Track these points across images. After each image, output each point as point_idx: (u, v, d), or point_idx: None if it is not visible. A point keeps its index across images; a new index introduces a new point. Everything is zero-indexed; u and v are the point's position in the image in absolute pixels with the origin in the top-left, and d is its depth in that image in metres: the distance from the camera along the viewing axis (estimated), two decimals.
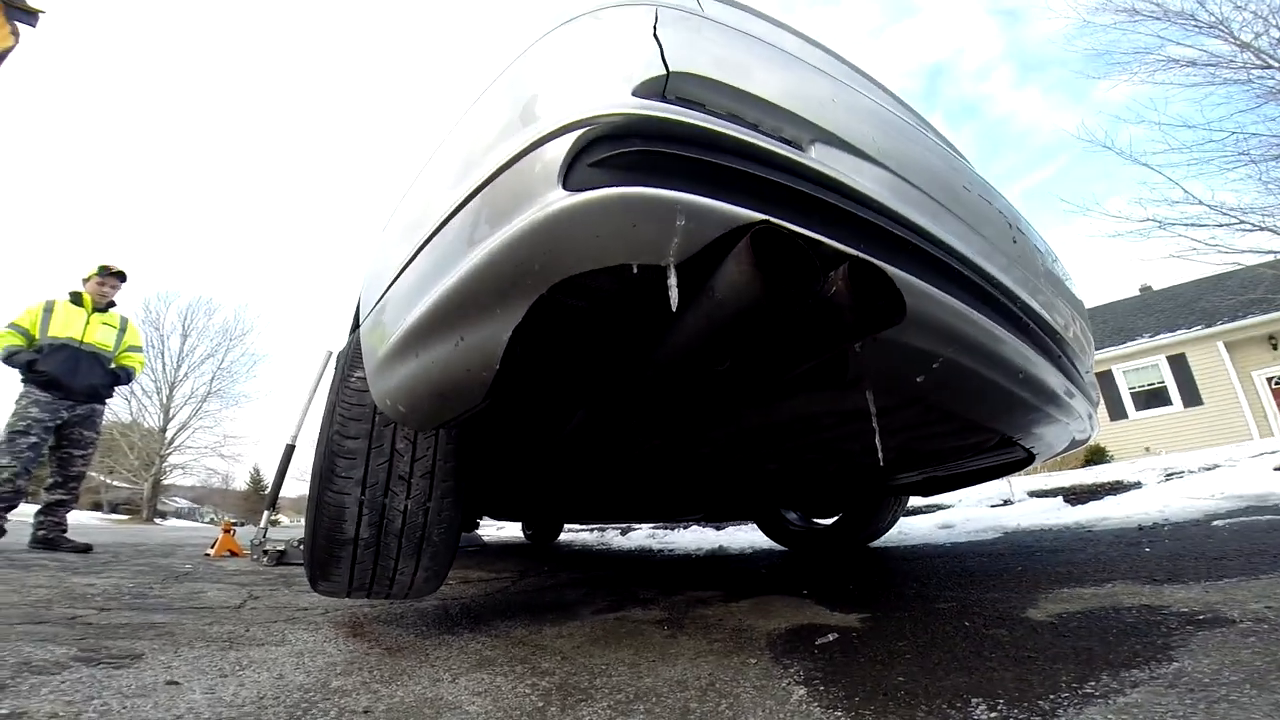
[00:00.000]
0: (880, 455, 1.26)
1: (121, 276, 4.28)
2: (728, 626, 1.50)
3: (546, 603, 2.06)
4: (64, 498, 3.95)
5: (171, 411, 26.78)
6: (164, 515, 26.12)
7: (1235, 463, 3.57)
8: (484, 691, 1.12)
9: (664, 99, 0.86)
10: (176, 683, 1.13)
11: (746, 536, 3.87)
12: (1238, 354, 14.50)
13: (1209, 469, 3.50)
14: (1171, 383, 14.98)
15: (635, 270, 0.80)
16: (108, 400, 4.23)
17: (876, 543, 3.04)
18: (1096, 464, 12.78)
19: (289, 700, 1.06)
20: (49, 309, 3.96)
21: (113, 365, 4.10)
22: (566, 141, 0.81)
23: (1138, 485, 3.37)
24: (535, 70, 0.96)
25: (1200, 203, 8.81)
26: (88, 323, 4.01)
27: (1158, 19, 8.81)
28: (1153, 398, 15.24)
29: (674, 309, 0.79)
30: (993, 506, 3.51)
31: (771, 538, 3.26)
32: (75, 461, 3.99)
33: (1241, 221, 8.70)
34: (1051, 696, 0.83)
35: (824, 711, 0.88)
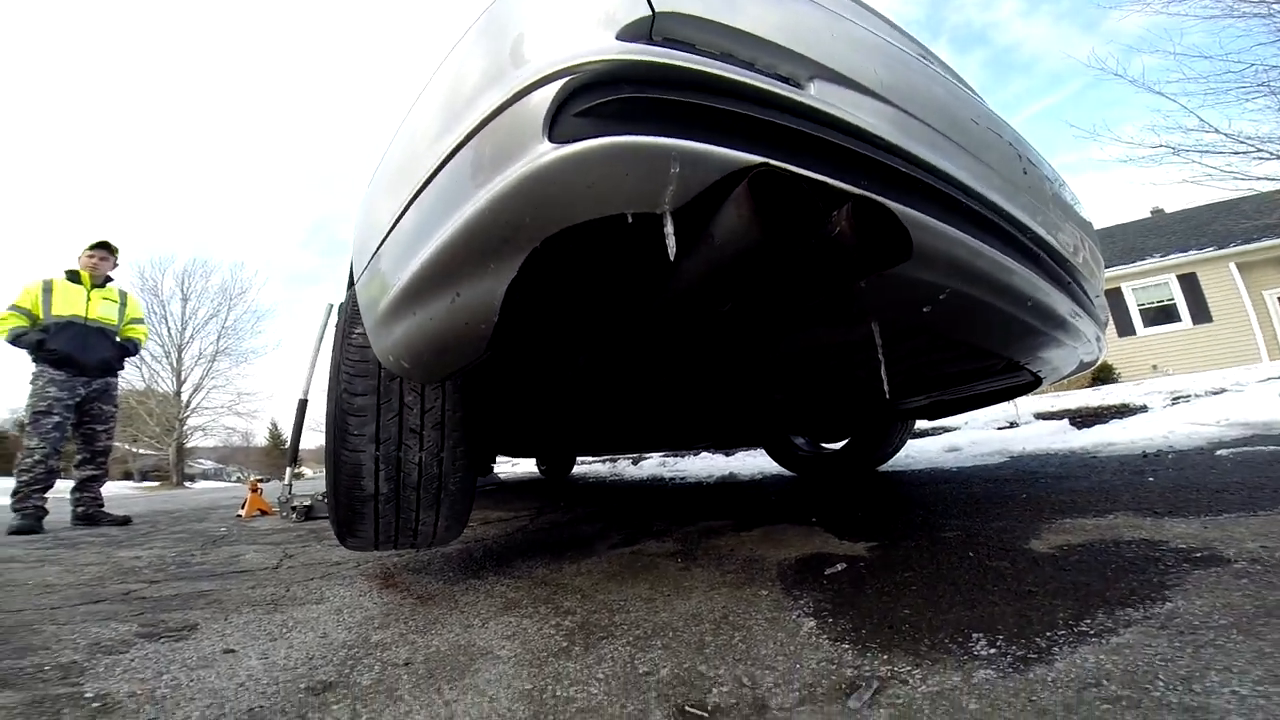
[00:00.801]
0: (886, 386, 1.27)
1: (112, 249, 4.25)
2: (739, 557, 1.56)
3: (564, 540, 2.15)
4: (95, 473, 4.06)
5: (183, 375, 27.28)
6: (192, 478, 26.91)
7: (1242, 387, 3.57)
8: (512, 635, 1.19)
9: (651, 41, 0.83)
10: (233, 650, 1.21)
11: (756, 462, 3.95)
12: (1250, 275, 14.37)
13: (1216, 393, 3.51)
14: (1181, 300, 14.90)
15: (630, 220, 0.79)
16: (120, 372, 4.28)
17: (884, 466, 3.11)
18: (1104, 383, 12.88)
19: (336, 658, 1.13)
20: (48, 288, 3.95)
21: (119, 338, 4.14)
22: (550, 91, 0.78)
23: (1144, 409, 3.39)
24: (515, 12, 0.92)
25: (1216, 130, 8.55)
26: (89, 299, 4.01)
27: None
28: (1162, 315, 15.19)
29: (671, 258, 0.79)
30: (999, 429, 3.56)
31: (780, 463, 3.34)
32: (99, 436, 4.08)
33: (1259, 150, 8.43)
34: (1048, 634, 0.87)
35: (832, 644, 0.94)
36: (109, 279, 4.22)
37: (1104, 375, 13.42)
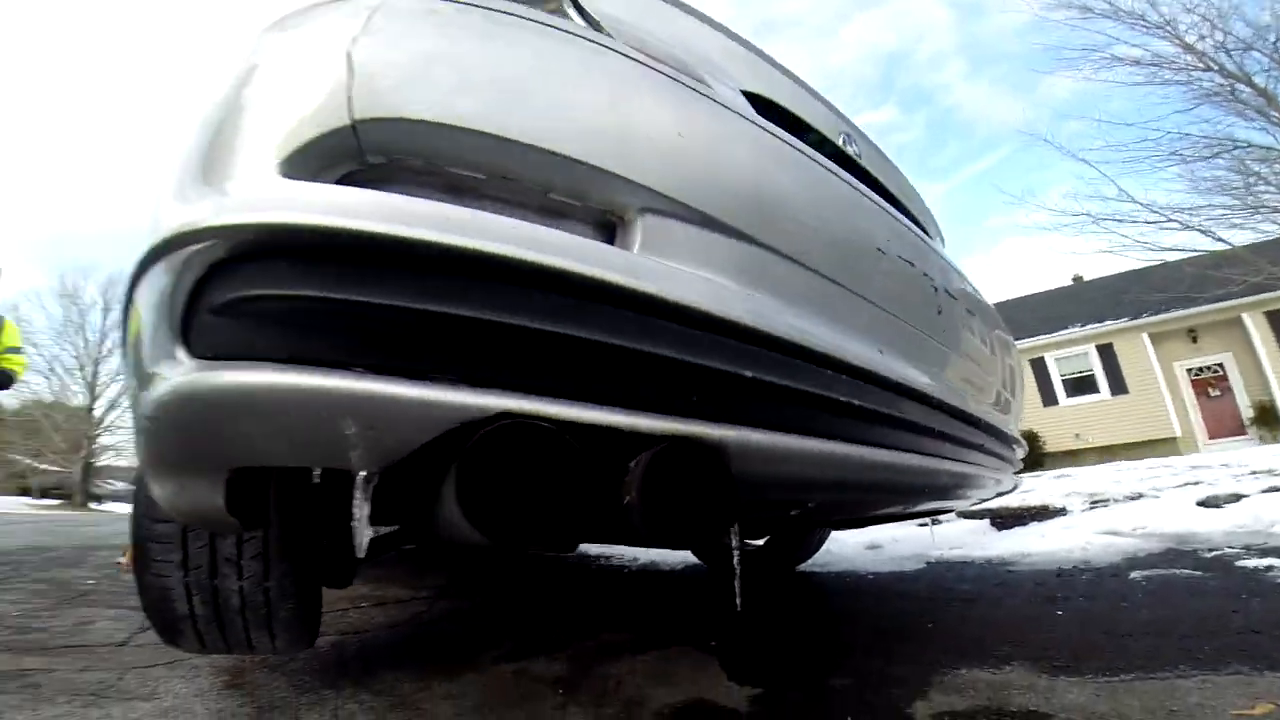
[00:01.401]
0: (736, 559, 1.11)
1: None
2: (622, 696, 1.44)
3: (451, 641, 1.99)
4: None
5: (98, 390, 26.03)
6: (99, 499, 25.35)
7: (1159, 493, 3.67)
8: None
9: (356, 176, 0.57)
10: None
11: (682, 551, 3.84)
12: (1161, 347, 15.34)
13: (1133, 498, 3.61)
14: (1100, 371, 15.73)
15: (317, 477, 0.60)
16: None
17: (804, 565, 3.05)
18: (1031, 450, 13.32)
19: None
20: None
21: None
22: (174, 268, 0.54)
23: (1063, 512, 3.45)
24: (199, 119, 0.65)
25: (1133, 199, 9.36)
26: None
27: (1109, 17, 9.05)
28: (1082, 385, 15.99)
29: (359, 550, 0.57)
30: (922, 524, 3.56)
31: (701, 559, 3.24)
32: None
33: (1169, 220, 9.15)
34: None
35: None
36: None
37: (1030, 444, 13.91)
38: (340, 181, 0.58)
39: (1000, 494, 1.95)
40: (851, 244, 0.99)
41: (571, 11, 0.96)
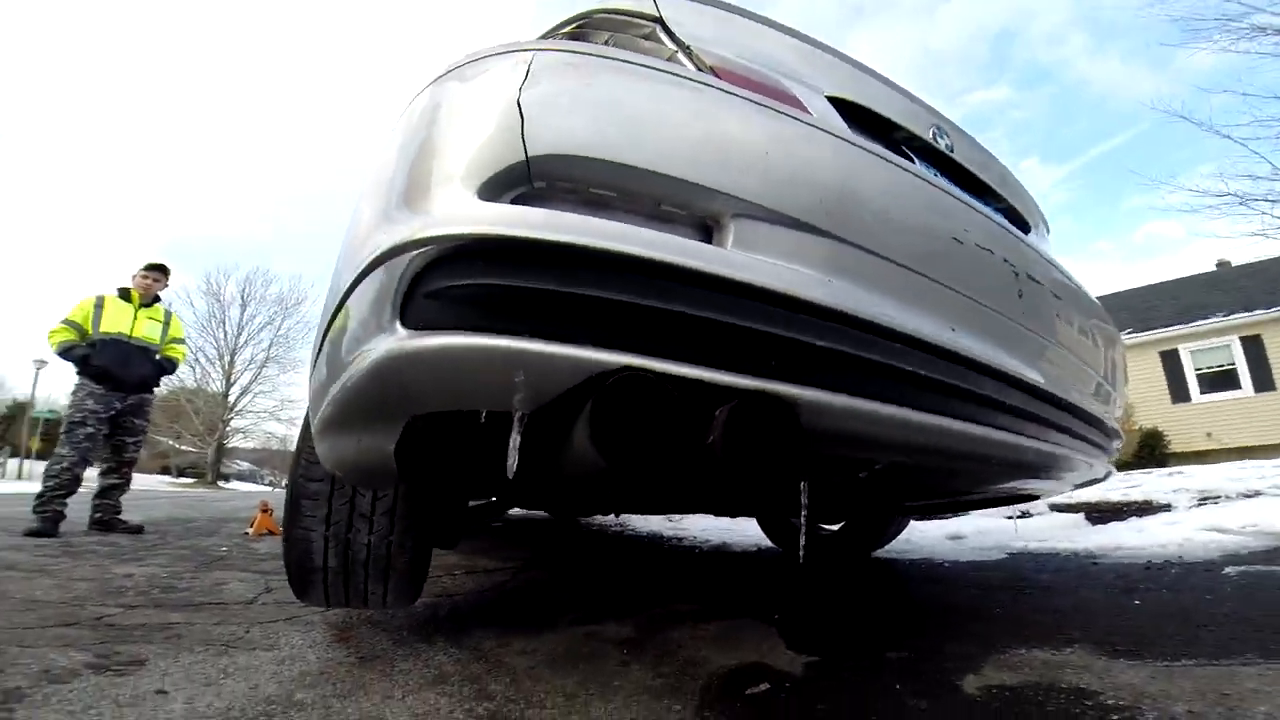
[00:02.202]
0: (803, 535, 1.16)
1: (165, 271, 4.52)
2: (681, 657, 1.54)
3: (531, 607, 2.15)
4: (118, 482, 4.27)
5: (233, 377, 28.97)
6: (226, 478, 28.16)
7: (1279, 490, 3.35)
8: (423, 714, 1.20)
9: (528, 194, 0.74)
10: (165, 691, 1.26)
11: (754, 531, 3.88)
12: None
13: (1249, 496, 3.30)
14: (1243, 365, 14.06)
15: (484, 418, 0.75)
16: (156, 389, 4.52)
17: (881, 552, 3.02)
18: (1151, 449, 12.20)
19: (252, 712, 1.17)
20: (100, 305, 4.20)
21: (159, 357, 4.37)
22: (398, 267, 0.73)
23: (1167, 508, 3.22)
24: (395, 154, 0.85)
25: None
26: (135, 317, 4.25)
27: None
28: (1221, 380, 14.38)
29: (509, 473, 0.72)
30: (1009, 518, 3.43)
31: (772, 539, 3.28)
32: (128, 448, 4.30)
33: None
34: None
35: None
36: (158, 298, 4.47)
37: (1153, 441, 12.82)
38: (514, 201, 0.77)
39: (1093, 480, 1.89)
40: (924, 234, 1.05)
41: (666, 40, 1.13)
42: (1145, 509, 3.20)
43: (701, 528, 4.22)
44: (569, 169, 0.76)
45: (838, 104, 1.23)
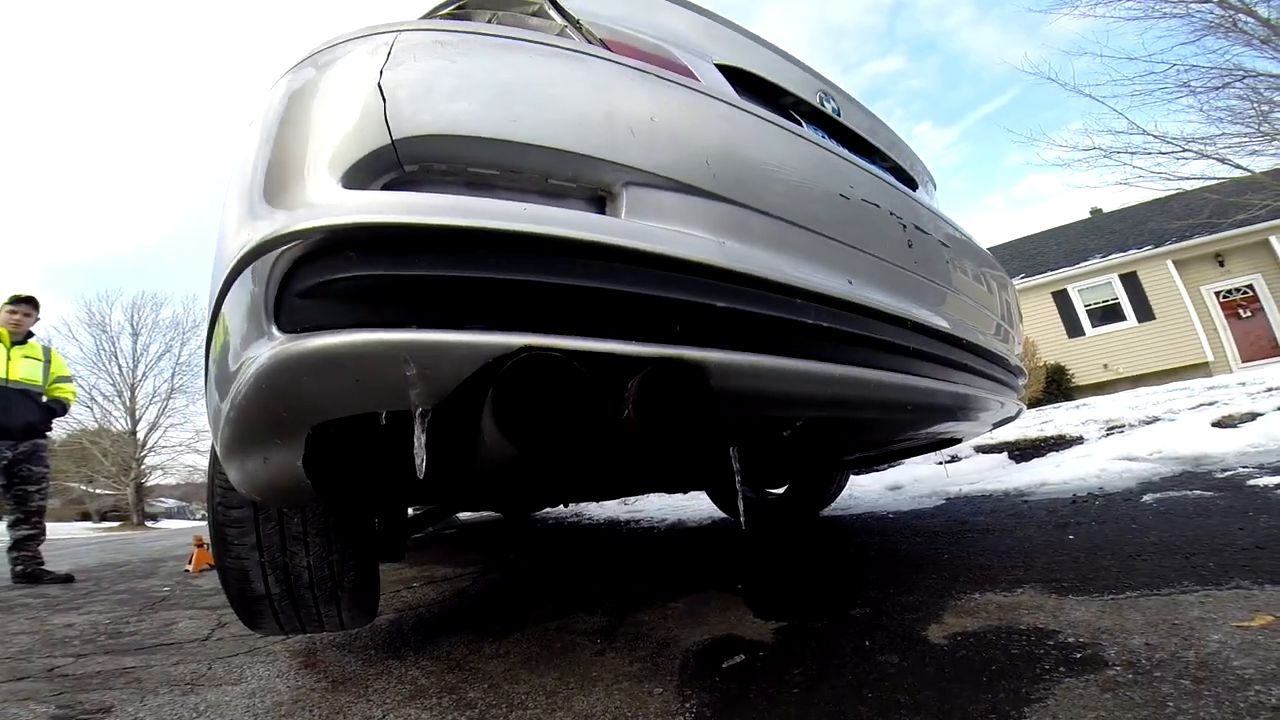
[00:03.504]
0: (740, 496, 1.18)
1: (34, 303, 4.13)
2: (655, 639, 1.56)
3: (496, 609, 2.13)
4: (30, 532, 3.93)
5: (138, 414, 26.62)
6: (154, 517, 26.38)
7: (1175, 415, 3.69)
8: None
9: (399, 181, 0.71)
10: None
11: (707, 505, 3.97)
12: (1187, 272, 15.09)
13: (1149, 422, 3.63)
14: (1125, 300, 15.55)
15: (384, 419, 0.72)
16: (48, 434, 4.16)
17: (826, 510, 3.15)
18: (1057, 384, 13.30)
19: None
20: None
21: (45, 399, 4.01)
22: (266, 267, 0.69)
23: (1080, 440, 3.50)
24: (255, 147, 0.80)
25: (1144, 131, 9.10)
26: (9, 358, 3.88)
27: None
28: (1108, 314, 15.83)
29: (419, 473, 0.70)
30: (940, 463, 3.64)
31: (722, 509, 3.36)
32: (32, 497, 3.96)
33: (1184, 150, 8.92)
34: None
35: None
36: (31, 334, 4.07)
37: (1058, 376, 14.00)
38: (386, 187, 0.73)
39: (1008, 419, 2.02)
40: (812, 192, 1.07)
41: (554, 14, 1.10)
42: (1060, 443, 3.46)
43: (657, 508, 4.28)
44: (443, 149, 0.74)
45: (727, 71, 1.26)
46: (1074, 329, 16.04)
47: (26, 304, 4.07)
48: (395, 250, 0.68)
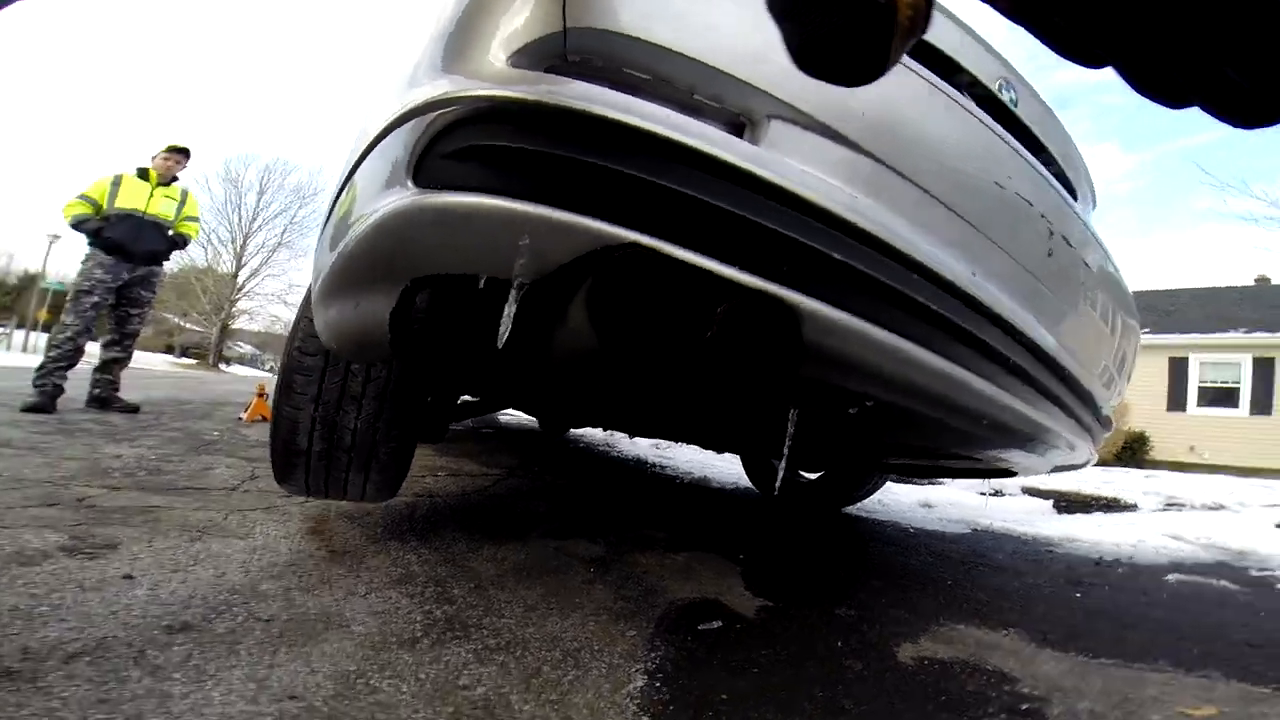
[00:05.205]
0: (780, 473, 1.20)
1: (186, 153, 4.50)
2: (645, 584, 1.60)
3: (508, 515, 2.22)
4: (120, 355, 4.29)
5: (243, 260, 29.49)
6: (228, 361, 28.75)
7: (1243, 507, 3.41)
8: (381, 612, 1.25)
9: (559, 68, 0.73)
10: (131, 577, 1.27)
11: (735, 470, 3.97)
12: None
13: (1213, 508, 3.37)
14: (1247, 386, 13.88)
15: (482, 284, 0.75)
16: (165, 263, 4.54)
17: (852, 508, 3.10)
18: (1133, 451, 12.34)
19: (213, 601, 1.20)
20: (117, 182, 4.21)
21: (171, 232, 4.37)
22: (419, 127, 0.74)
23: (1133, 508, 3.30)
24: (444, 11, 0.83)
25: None
26: (151, 195, 4.26)
27: None
28: (1221, 397, 14.23)
29: (499, 344, 0.73)
30: (981, 494, 3.50)
31: (752, 480, 3.35)
32: (131, 320, 4.31)
33: None
34: None
35: (635, 713, 0.96)
36: (175, 179, 4.45)
37: (1137, 444, 12.94)
38: (547, 71, 0.75)
39: (1073, 466, 1.91)
40: (964, 171, 1.02)
41: None
42: (1112, 505, 3.27)
43: (686, 459, 4.31)
44: (605, 45, 0.75)
45: None
46: (1176, 403, 14.50)
47: (179, 153, 4.45)
48: (539, 128, 0.70)
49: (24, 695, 0.82)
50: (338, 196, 0.97)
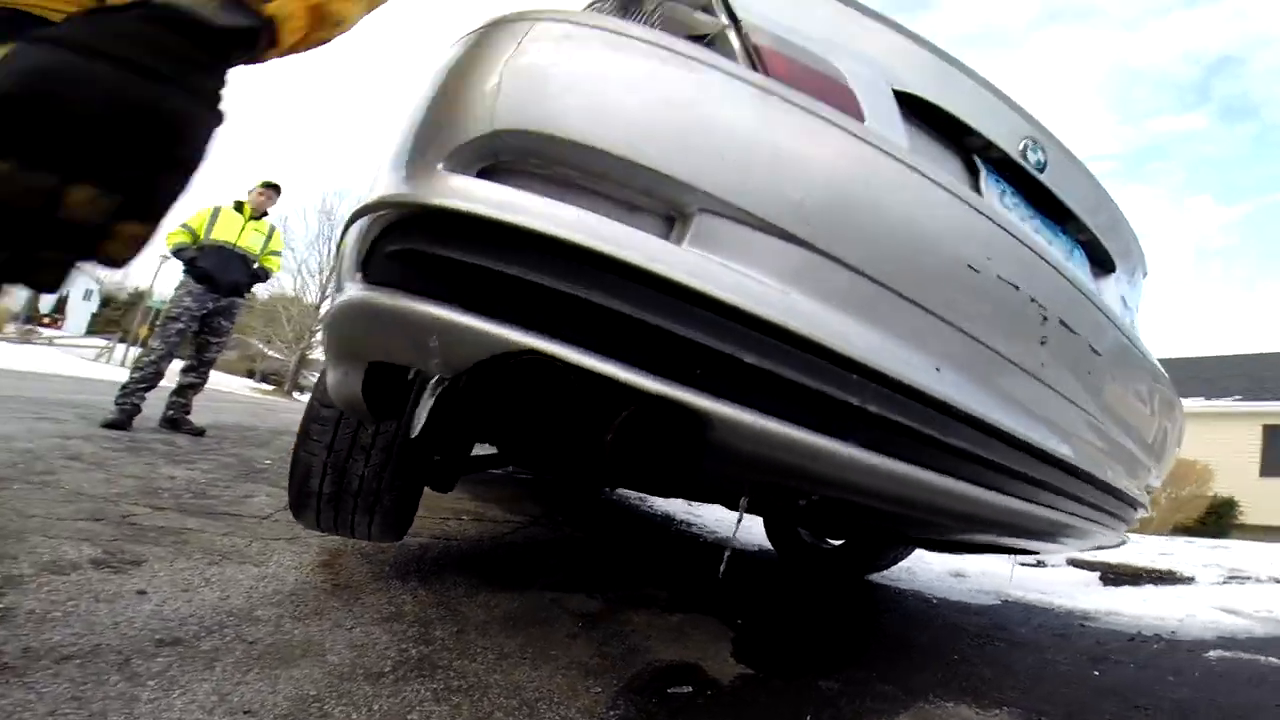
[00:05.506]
0: (725, 564, 1.17)
1: (277, 189, 4.86)
2: (629, 643, 1.60)
3: (515, 565, 2.25)
4: (195, 381, 4.61)
5: (328, 292, 31.02)
6: (302, 389, 30.18)
7: None
8: (360, 645, 1.31)
9: (492, 170, 0.75)
10: (144, 592, 1.40)
11: (759, 531, 3.88)
12: None
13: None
14: None
15: (411, 376, 0.82)
16: (247, 295, 4.87)
17: (877, 576, 2.99)
18: (1219, 516, 11.39)
19: (209, 621, 1.30)
20: (215, 214, 4.56)
21: (255, 265, 4.68)
22: (368, 224, 0.80)
23: (1189, 581, 3.03)
24: (408, 112, 0.89)
25: None
26: (243, 228, 4.59)
27: None
28: None
29: (412, 434, 0.79)
30: (1022, 564, 3.31)
31: (773, 544, 3.28)
32: (210, 348, 4.64)
33: None
34: None
35: None
36: (266, 213, 4.80)
37: (1223, 511, 12.00)
38: (480, 174, 0.78)
39: (1102, 547, 1.82)
40: (925, 254, 0.94)
41: (720, 10, 1.04)
42: (1165, 578, 3.03)
43: (715, 518, 4.25)
44: (536, 146, 0.76)
45: (904, 98, 1.11)
46: (1272, 468, 13.61)
47: (271, 189, 4.82)
48: (443, 232, 0.74)
49: (8, 688, 0.93)
50: (338, 254, 1.06)
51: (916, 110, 1.14)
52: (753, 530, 3.87)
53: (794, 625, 2.02)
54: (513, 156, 0.76)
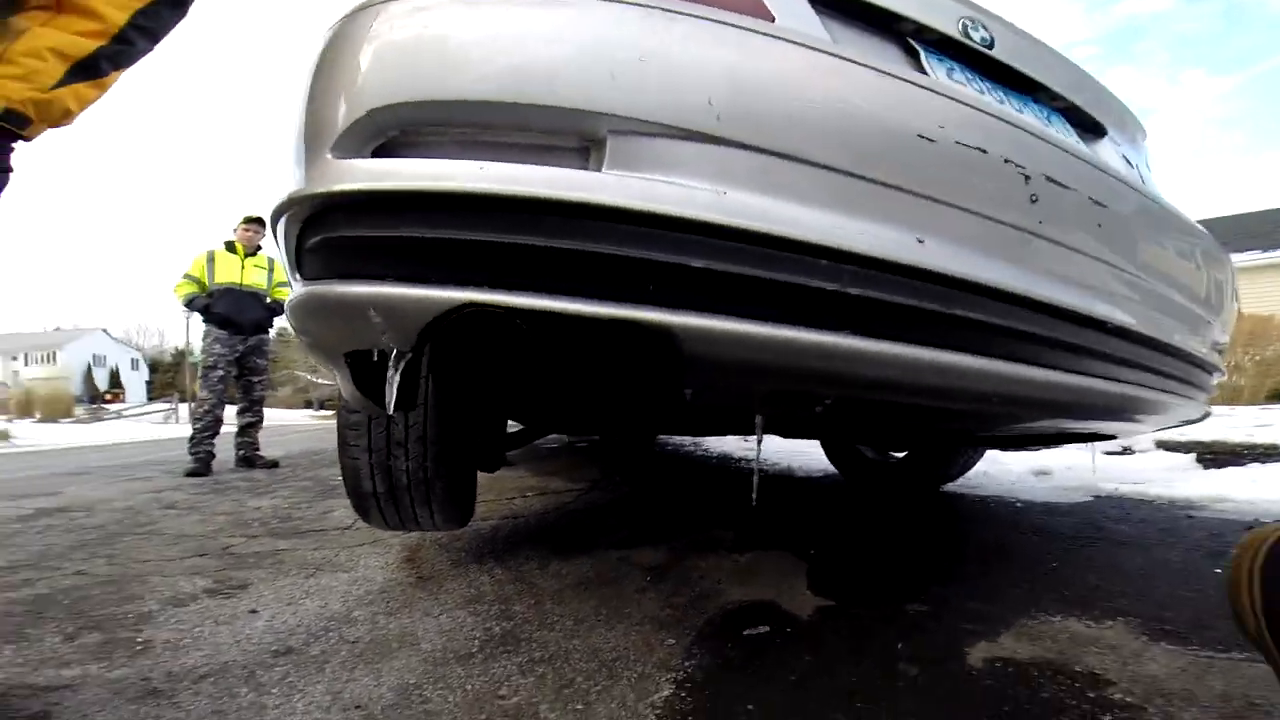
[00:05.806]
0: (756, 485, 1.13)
1: (261, 222, 4.82)
2: (699, 589, 1.60)
3: (581, 529, 2.30)
4: (252, 420, 4.82)
5: None
6: None
7: None
8: (449, 630, 1.37)
9: (388, 146, 0.76)
10: (256, 611, 1.53)
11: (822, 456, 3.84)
12: None
13: None
14: None
15: (375, 357, 0.81)
16: (270, 330, 4.99)
17: (953, 485, 2.92)
18: None
19: (315, 628, 1.40)
20: (211, 259, 4.65)
21: (269, 300, 4.77)
22: (287, 224, 0.81)
23: None
24: (292, 113, 0.88)
25: None
26: (243, 267, 4.67)
27: None
28: None
29: (388, 410, 0.79)
30: (1108, 453, 3.16)
31: (836, 466, 3.23)
32: (255, 387, 4.83)
33: None
34: None
35: None
36: (259, 248, 4.84)
37: None
38: (375, 152, 0.78)
39: (1186, 422, 1.72)
40: (869, 134, 0.90)
41: None
42: (1271, 453, 2.82)
43: (774, 450, 4.24)
44: (419, 115, 0.76)
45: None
46: None
47: (256, 223, 4.83)
48: (359, 212, 0.76)
49: (161, 709, 1.06)
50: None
51: (837, 6, 1.09)
52: (814, 455, 3.84)
53: (871, 549, 1.99)
54: (402, 130, 0.77)
